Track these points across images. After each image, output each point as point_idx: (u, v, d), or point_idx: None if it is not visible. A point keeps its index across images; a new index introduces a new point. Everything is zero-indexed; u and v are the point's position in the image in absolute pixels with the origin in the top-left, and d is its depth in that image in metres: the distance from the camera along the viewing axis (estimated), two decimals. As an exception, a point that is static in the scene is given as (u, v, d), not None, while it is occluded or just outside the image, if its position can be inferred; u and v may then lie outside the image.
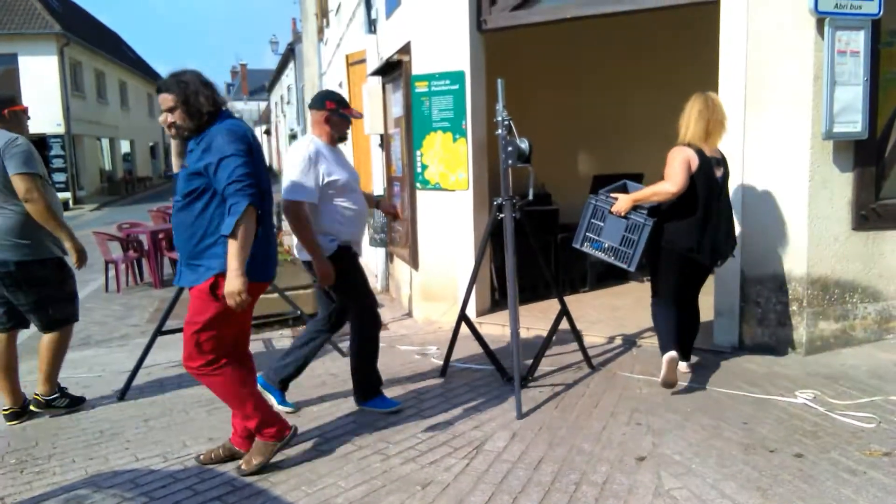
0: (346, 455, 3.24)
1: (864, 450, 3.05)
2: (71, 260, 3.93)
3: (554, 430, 3.42)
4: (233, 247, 2.71)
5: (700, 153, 3.84)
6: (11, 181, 3.65)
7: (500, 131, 3.88)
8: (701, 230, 3.83)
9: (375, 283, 7.75)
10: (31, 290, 3.79)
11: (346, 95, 10.33)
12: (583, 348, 4.41)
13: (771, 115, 4.39)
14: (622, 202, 3.93)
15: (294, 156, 3.59)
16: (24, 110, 3.98)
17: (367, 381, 3.79)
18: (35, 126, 25.97)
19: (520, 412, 3.61)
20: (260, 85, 57.81)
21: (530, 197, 3.95)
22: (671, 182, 3.78)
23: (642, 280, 6.92)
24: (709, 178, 3.84)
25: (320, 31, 15.40)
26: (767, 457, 3.02)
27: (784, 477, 2.83)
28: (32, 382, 4.08)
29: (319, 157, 3.55)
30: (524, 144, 3.84)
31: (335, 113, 3.66)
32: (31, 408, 4.02)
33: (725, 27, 4.48)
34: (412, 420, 3.65)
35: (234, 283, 2.71)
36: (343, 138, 3.75)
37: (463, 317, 4.21)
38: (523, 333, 5.28)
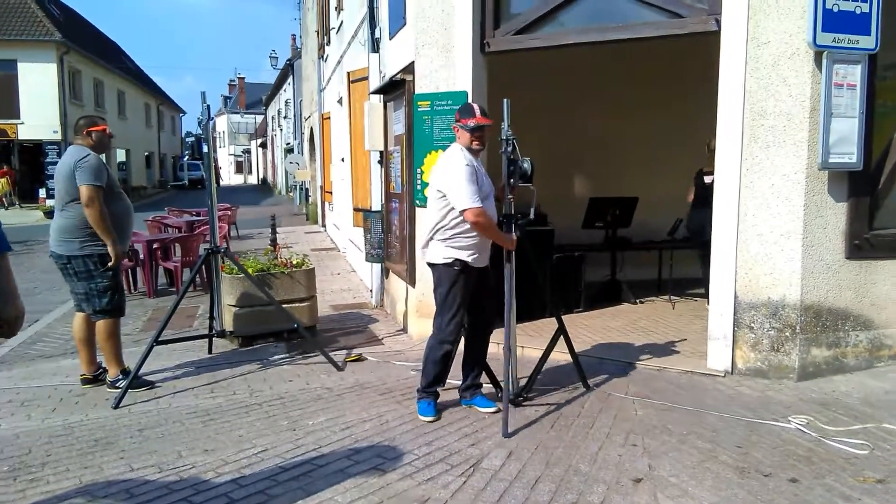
0: (343, 470, 3.24)
1: (858, 476, 3.08)
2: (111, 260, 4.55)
3: (550, 449, 3.44)
4: None
5: None
6: (78, 190, 4.34)
7: (504, 149, 3.92)
8: None
9: (370, 299, 7.76)
10: (81, 282, 4.47)
11: (345, 112, 10.43)
12: (579, 368, 4.43)
13: (768, 144, 4.47)
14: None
15: (454, 166, 3.80)
16: (103, 130, 4.65)
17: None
18: (32, 133, 26.03)
19: (506, 431, 3.62)
20: (257, 98, 57.98)
21: (531, 216, 3.99)
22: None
23: (635, 302, 6.98)
24: None
25: (321, 48, 15.52)
26: (762, 481, 3.05)
27: (779, 501, 2.85)
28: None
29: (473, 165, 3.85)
30: (526, 164, 3.89)
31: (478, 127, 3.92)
32: (107, 387, 4.63)
33: (725, 57, 4.56)
34: (408, 436, 3.66)
35: None
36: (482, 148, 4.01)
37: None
38: (517, 352, 5.32)
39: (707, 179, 6.22)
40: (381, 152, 7.22)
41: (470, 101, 5.49)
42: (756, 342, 4.60)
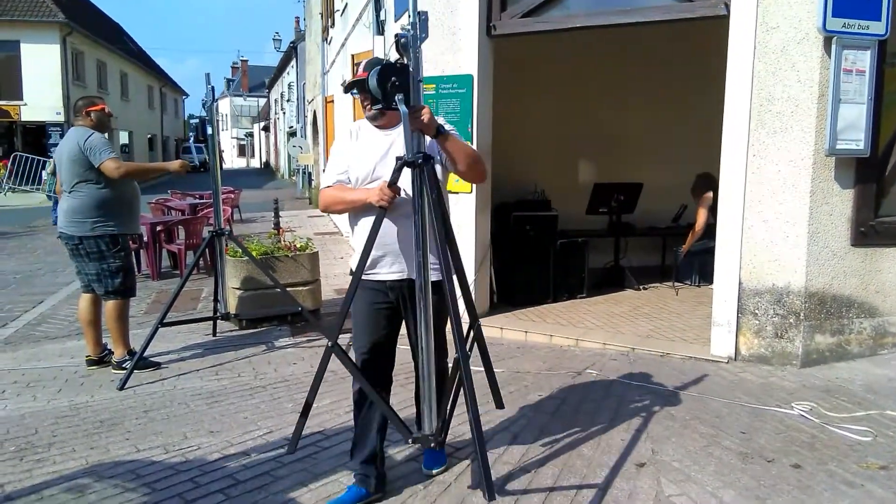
0: (348, 452, 3.25)
1: (861, 462, 3.09)
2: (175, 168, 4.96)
3: (554, 434, 3.45)
4: None
5: None
6: (86, 171, 4.39)
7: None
8: None
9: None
10: (91, 262, 4.50)
11: (349, 95, 10.37)
12: (494, 386, 2.95)
13: (775, 130, 4.44)
14: None
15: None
16: (102, 109, 4.66)
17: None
18: (35, 114, 25.93)
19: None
20: (260, 81, 57.70)
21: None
22: None
23: (638, 288, 6.97)
24: None
25: (325, 30, 15.42)
26: (765, 466, 3.06)
27: (782, 487, 2.87)
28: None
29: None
30: (373, 80, 2.37)
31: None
32: (112, 369, 4.65)
33: (734, 42, 4.52)
34: (410, 420, 3.66)
35: None
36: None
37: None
38: (519, 338, 5.34)
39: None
40: (385, 136, 7.18)
41: (476, 84, 5.46)
42: (760, 328, 4.60)
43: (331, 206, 2.82)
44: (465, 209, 5.62)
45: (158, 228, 8.58)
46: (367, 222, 2.62)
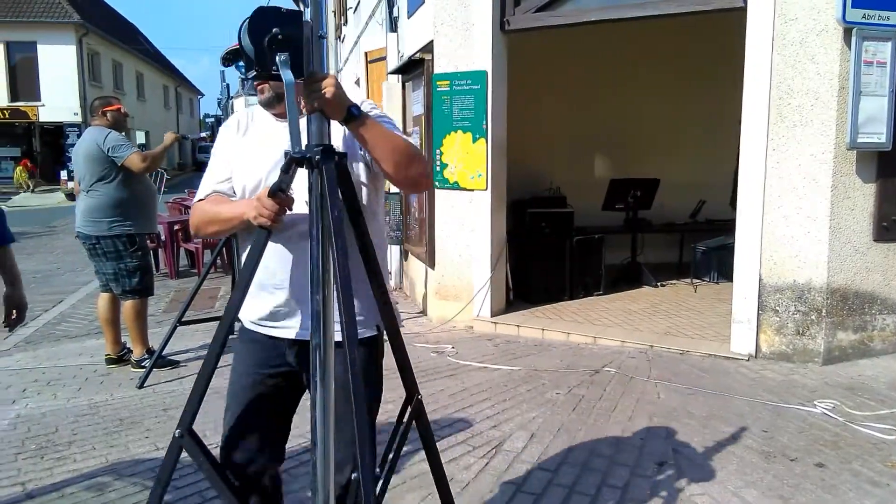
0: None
1: (887, 461, 3.04)
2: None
3: (572, 432, 3.43)
4: None
5: None
6: (104, 169, 4.43)
7: None
8: None
9: (389, 281, 7.75)
10: (109, 262, 4.50)
11: (363, 92, 10.37)
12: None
13: (794, 123, 4.38)
14: None
15: None
16: (118, 109, 4.70)
17: None
18: (52, 114, 26.25)
19: None
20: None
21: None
22: None
23: (656, 285, 6.92)
24: None
25: (338, 28, 15.44)
26: (788, 465, 3.02)
27: (806, 486, 2.82)
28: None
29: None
30: (246, 37, 1.58)
31: None
32: (131, 367, 4.66)
33: (751, 34, 4.46)
34: (430, 417, 3.65)
35: None
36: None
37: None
38: (536, 335, 5.32)
39: None
40: (399, 133, 7.17)
41: (490, 80, 5.43)
42: (781, 325, 4.54)
43: (201, 229, 1.91)
44: (480, 207, 5.60)
45: (176, 227, 8.63)
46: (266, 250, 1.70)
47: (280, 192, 1.61)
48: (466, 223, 5.69)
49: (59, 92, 26.31)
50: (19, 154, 27.60)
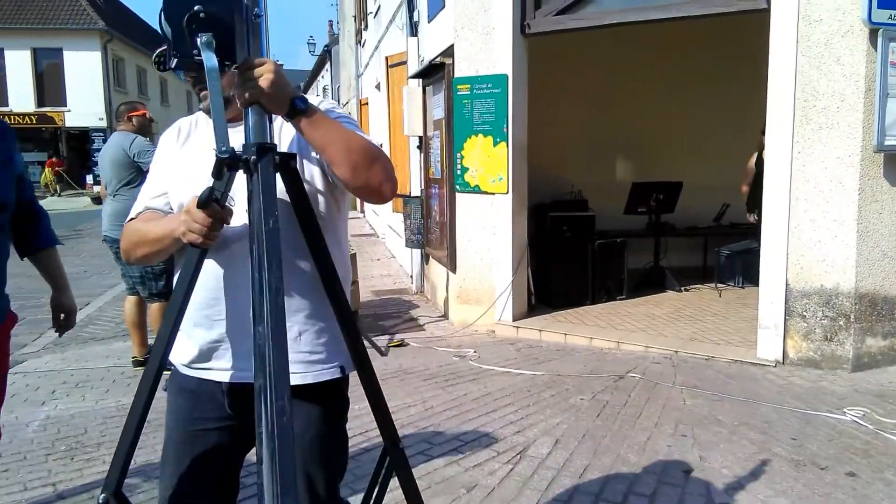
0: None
1: (919, 471, 2.99)
2: None
3: (597, 438, 3.40)
4: None
5: None
6: (130, 174, 4.50)
7: None
8: None
9: (410, 284, 7.78)
10: (135, 266, 4.36)
11: (384, 97, 10.42)
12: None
13: (820, 126, 4.32)
14: None
15: None
16: (143, 114, 4.76)
17: None
18: (78, 120, 26.67)
19: None
20: (295, 85, 57.65)
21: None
22: None
23: (680, 289, 6.86)
24: None
25: (358, 32, 15.52)
26: (819, 474, 2.97)
27: (837, 496, 2.78)
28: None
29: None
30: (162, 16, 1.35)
31: None
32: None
33: (775, 36, 4.41)
34: (454, 422, 3.66)
35: None
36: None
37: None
38: (559, 340, 5.30)
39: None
40: (419, 137, 7.20)
41: (511, 83, 5.43)
42: (808, 331, 4.47)
43: (130, 252, 1.61)
44: (501, 210, 5.59)
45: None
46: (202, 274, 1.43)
47: (213, 202, 1.31)
48: (487, 227, 5.68)
49: (84, 97, 26.76)
50: (46, 158, 28.12)
